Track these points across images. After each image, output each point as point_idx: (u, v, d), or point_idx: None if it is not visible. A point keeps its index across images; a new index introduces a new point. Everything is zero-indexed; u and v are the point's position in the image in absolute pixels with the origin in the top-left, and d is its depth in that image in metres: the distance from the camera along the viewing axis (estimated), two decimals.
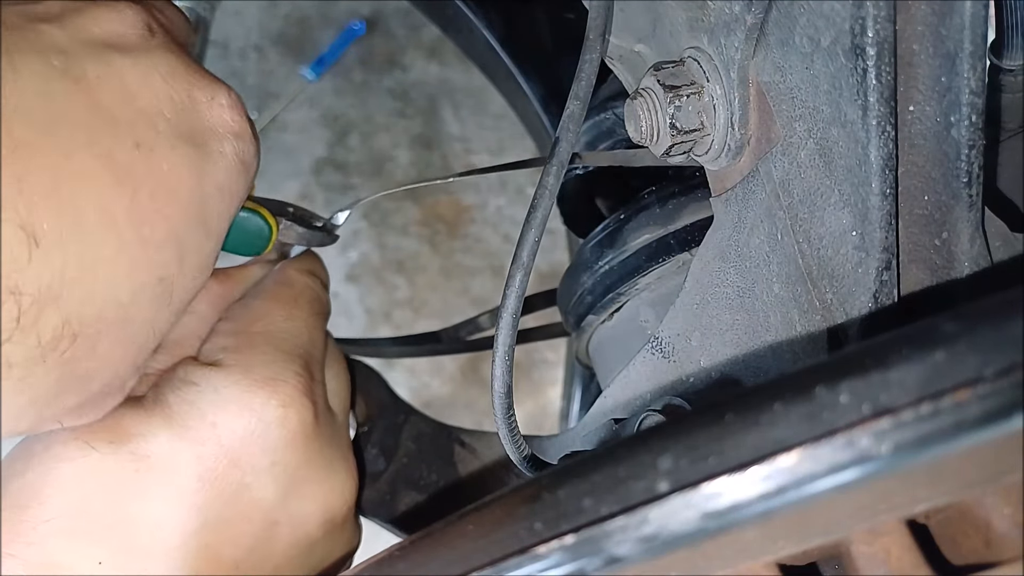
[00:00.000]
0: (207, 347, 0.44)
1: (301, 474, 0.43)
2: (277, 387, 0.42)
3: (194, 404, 0.40)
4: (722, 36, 0.36)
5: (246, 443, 0.40)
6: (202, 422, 0.40)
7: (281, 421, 0.41)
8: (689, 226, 0.49)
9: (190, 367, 0.42)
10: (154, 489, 0.39)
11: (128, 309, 0.33)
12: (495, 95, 0.85)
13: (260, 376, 0.42)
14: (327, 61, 1.87)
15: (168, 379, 0.42)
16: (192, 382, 0.41)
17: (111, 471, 0.38)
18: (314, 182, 1.81)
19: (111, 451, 0.38)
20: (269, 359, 0.42)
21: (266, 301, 0.45)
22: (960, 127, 0.32)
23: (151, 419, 0.39)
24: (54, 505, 0.37)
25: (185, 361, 0.43)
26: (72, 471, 0.38)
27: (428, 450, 0.56)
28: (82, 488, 0.38)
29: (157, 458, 0.39)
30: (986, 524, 0.26)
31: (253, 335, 0.43)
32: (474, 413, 1.64)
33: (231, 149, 0.37)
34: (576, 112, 0.39)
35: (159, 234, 0.33)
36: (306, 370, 0.44)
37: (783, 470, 0.23)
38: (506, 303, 0.38)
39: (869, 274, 0.33)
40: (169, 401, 0.40)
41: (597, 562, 0.24)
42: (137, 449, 0.39)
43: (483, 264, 1.74)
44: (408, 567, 0.30)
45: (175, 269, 0.35)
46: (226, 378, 0.41)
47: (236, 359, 0.42)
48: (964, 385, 0.22)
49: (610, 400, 0.48)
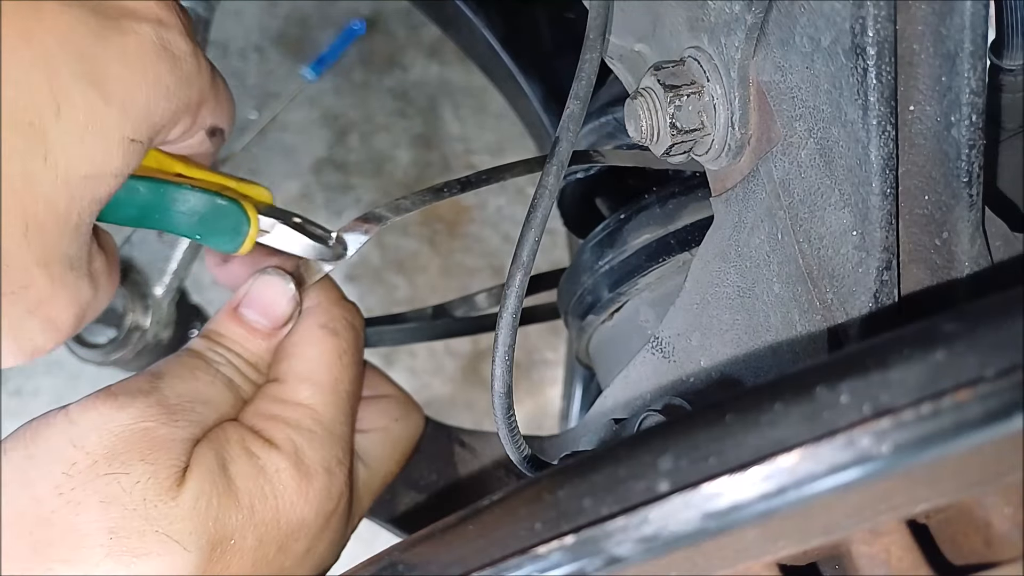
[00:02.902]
0: (255, 412, 0.43)
1: (321, 556, 0.44)
2: (330, 478, 0.42)
3: (259, 486, 0.40)
4: (722, 36, 0.36)
5: (295, 531, 0.41)
6: (265, 506, 0.40)
7: (326, 514, 0.42)
8: (689, 226, 0.49)
9: (246, 435, 0.41)
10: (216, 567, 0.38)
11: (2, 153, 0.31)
12: (495, 95, 0.85)
13: (314, 465, 0.42)
14: (327, 61, 1.87)
15: (224, 441, 0.41)
16: (253, 454, 0.41)
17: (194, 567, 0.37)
18: (314, 182, 1.81)
19: (193, 545, 0.37)
20: (319, 441, 0.43)
21: (308, 362, 0.44)
22: (960, 127, 0.32)
23: (223, 500, 0.39)
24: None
25: (232, 424, 0.42)
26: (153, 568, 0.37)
27: (428, 450, 0.56)
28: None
29: (229, 545, 0.39)
30: (986, 524, 0.26)
31: (301, 409, 0.43)
32: (474, 413, 1.64)
33: (149, 30, 0.36)
34: (576, 112, 0.39)
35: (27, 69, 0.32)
36: (346, 453, 0.44)
37: (783, 470, 0.23)
38: (506, 303, 0.38)
39: (869, 274, 0.33)
40: (233, 475, 0.40)
41: (597, 562, 0.24)
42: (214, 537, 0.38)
43: (483, 264, 1.74)
44: (408, 567, 0.30)
45: (48, 115, 0.32)
46: (282, 461, 0.41)
47: (288, 437, 0.42)
48: (964, 385, 0.22)
49: (610, 400, 0.48)
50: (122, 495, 0.37)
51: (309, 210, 1.78)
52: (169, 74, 0.36)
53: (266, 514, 0.40)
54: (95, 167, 0.34)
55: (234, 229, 0.41)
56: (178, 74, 0.37)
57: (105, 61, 0.34)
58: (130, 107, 0.35)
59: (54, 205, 0.33)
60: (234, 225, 0.41)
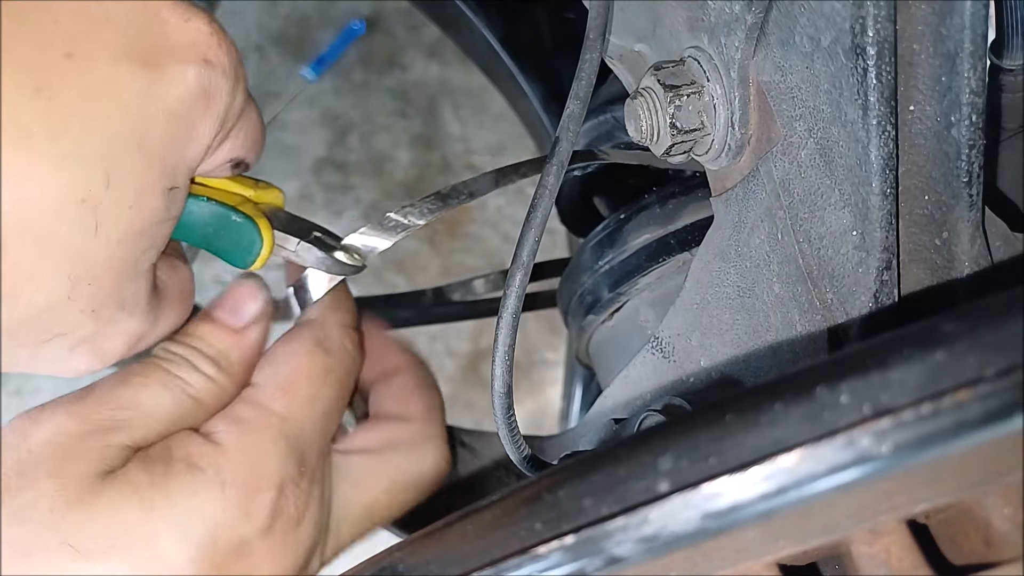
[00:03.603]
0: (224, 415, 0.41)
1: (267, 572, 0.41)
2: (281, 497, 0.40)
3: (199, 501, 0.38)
4: (722, 36, 0.36)
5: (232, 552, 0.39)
6: (204, 523, 0.38)
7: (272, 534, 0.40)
8: (689, 226, 0.49)
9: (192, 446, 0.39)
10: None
11: (46, 224, 0.31)
12: (495, 95, 0.85)
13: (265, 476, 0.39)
14: (327, 61, 1.87)
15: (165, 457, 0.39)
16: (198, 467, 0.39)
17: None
18: (314, 182, 1.81)
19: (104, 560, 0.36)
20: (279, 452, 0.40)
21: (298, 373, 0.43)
22: (960, 127, 0.32)
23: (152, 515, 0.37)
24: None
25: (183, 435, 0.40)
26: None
27: None
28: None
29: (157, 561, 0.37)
30: (986, 524, 0.26)
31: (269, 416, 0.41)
32: (474, 413, 1.64)
33: (194, 76, 0.34)
34: (576, 112, 0.39)
35: (79, 148, 0.31)
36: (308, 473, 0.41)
37: (783, 470, 0.23)
38: (506, 303, 0.38)
39: (869, 274, 0.33)
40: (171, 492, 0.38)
41: (597, 562, 0.24)
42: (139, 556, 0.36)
43: (483, 264, 1.74)
44: (408, 567, 0.30)
45: (99, 190, 0.32)
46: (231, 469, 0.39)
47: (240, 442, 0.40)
48: (964, 385, 0.22)
49: (610, 400, 0.48)
50: (32, 511, 0.36)
51: (309, 210, 1.78)
52: (203, 117, 0.35)
53: (203, 532, 0.38)
54: (144, 222, 0.34)
55: (247, 248, 0.41)
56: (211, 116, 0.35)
57: (150, 121, 0.33)
58: (170, 160, 0.34)
59: (106, 262, 0.33)
60: (247, 243, 0.40)
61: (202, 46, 0.35)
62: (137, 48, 0.33)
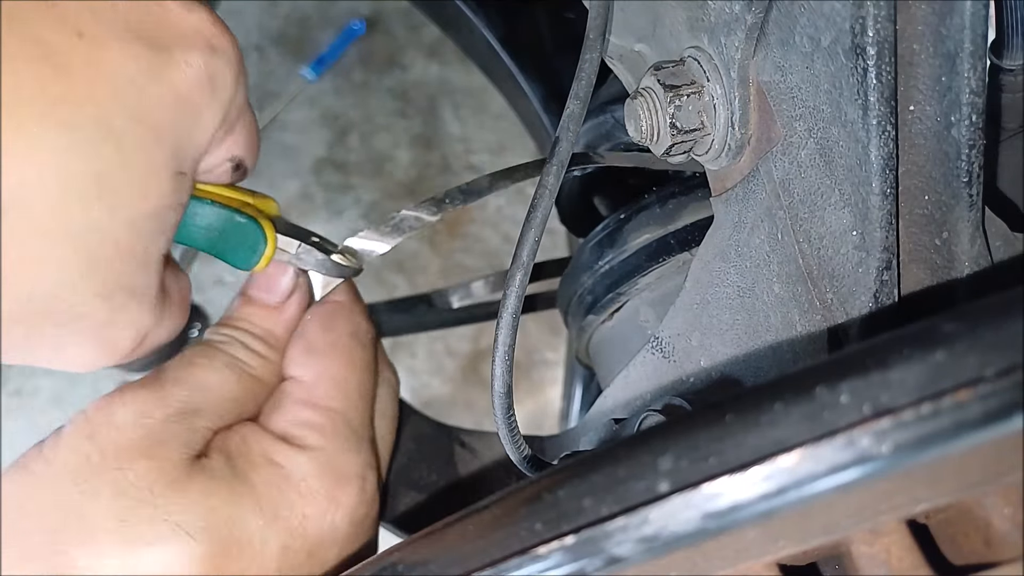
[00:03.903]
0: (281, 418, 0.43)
1: (352, 560, 0.44)
2: (363, 486, 0.43)
3: (284, 492, 0.40)
4: (722, 36, 0.36)
5: (325, 538, 0.41)
6: (292, 513, 0.40)
7: (358, 520, 0.42)
8: (689, 226, 0.49)
9: (267, 443, 0.41)
10: (232, 566, 0.38)
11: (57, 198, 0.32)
12: (495, 95, 0.85)
13: (347, 471, 0.42)
14: (327, 61, 1.87)
15: (244, 450, 0.41)
16: (277, 463, 0.41)
17: (204, 560, 0.38)
18: (314, 182, 1.81)
19: (204, 538, 0.37)
20: (352, 447, 0.43)
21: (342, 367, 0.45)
22: (960, 127, 0.32)
23: (241, 501, 0.39)
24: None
25: (256, 431, 0.42)
26: (163, 557, 0.37)
27: (428, 450, 0.56)
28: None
29: (248, 546, 0.39)
30: (986, 524, 0.26)
31: (334, 415, 0.43)
32: (474, 413, 1.64)
33: (200, 62, 0.35)
34: (576, 112, 0.39)
35: (94, 124, 0.32)
36: (373, 456, 0.45)
37: (783, 470, 0.23)
38: (506, 303, 0.38)
39: (869, 274, 0.33)
40: (254, 482, 0.40)
41: (597, 562, 0.24)
42: (230, 536, 0.38)
43: (483, 264, 1.74)
44: (408, 567, 0.30)
45: (115, 167, 0.33)
46: (312, 466, 0.41)
47: (320, 443, 0.42)
48: (964, 385, 0.22)
49: (610, 400, 0.48)
50: (131, 487, 0.38)
51: (309, 210, 1.78)
52: (209, 105, 0.36)
53: (292, 520, 0.40)
54: (153, 204, 0.35)
55: (251, 247, 0.42)
56: (217, 104, 0.36)
57: (158, 100, 0.34)
58: (177, 143, 0.35)
59: (116, 243, 0.34)
60: (251, 243, 0.41)
61: (207, 34, 0.36)
62: (144, 31, 0.34)
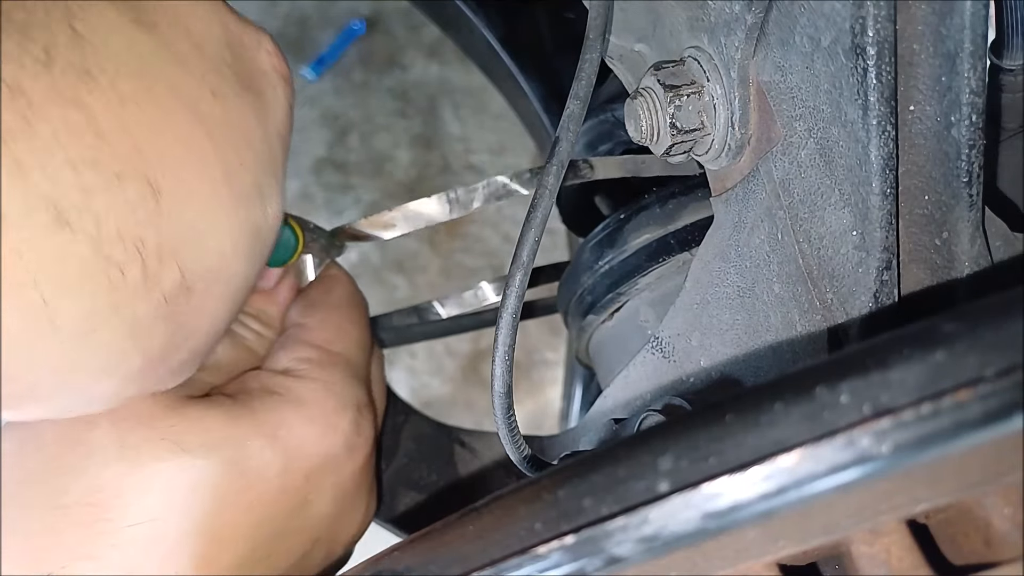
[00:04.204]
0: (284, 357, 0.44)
1: (350, 500, 0.45)
2: (360, 415, 0.43)
3: (282, 414, 0.40)
4: (722, 35, 0.36)
5: (322, 461, 0.41)
6: (290, 434, 0.40)
7: (353, 447, 0.43)
8: (689, 226, 0.49)
9: (266, 376, 0.42)
10: (239, 496, 0.38)
11: (231, 262, 0.33)
12: (495, 95, 0.85)
13: (345, 399, 0.43)
14: (327, 61, 1.87)
15: (242, 387, 0.42)
16: (275, 391, 0.41)
17: (204, 477, 0.37)
18: (314, 182, 1.81)
19: (203, 455, 0.37)
20: (350, 382, 0.44)
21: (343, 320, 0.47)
22: (960, 127, 0.32)
23: (239, 423, 0.39)
24: (142, 508, 0.37)
25: (256, 371, 0.43)
26: (163, 473, 0.37)
27: (428, 450, 0.56)
28: (173, 493, 0.37)
29: (248, 466, 0.39)
30: (986, 524, 0.26)
31: (334, 355, 0.44)
32: (474, 413, 1.64)
33: (283, 95, 0.36)
34: (576, 112, 0.39)
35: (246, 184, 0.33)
36: (371, 407, 0.46)
37: (783, 470, 0.23)
38: (506, 303, 0.38)
39: (869, 274, 0.33)
40: (254, 407, 0.40)
41: (597, 562, 0.24)
42: (230, 456, 0.38)
43: (483, 264, 1.74)
44: (408, 567, 0.30)
45: (262, 219, 0.34)
46: (310, 392, 0.42)
47: (319, 374, 0.43)
48: (964, 385, 0.22)
49: (610, 400, 0.48)
50: (129, 413, 0.38)
51: (309, 210, 1.78)
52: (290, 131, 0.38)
53: (290, 441, 0.40)
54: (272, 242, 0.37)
55: (284, 246, 0.44)
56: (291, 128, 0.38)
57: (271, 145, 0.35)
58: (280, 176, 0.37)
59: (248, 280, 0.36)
60: (285, 242, 0.44)
61: (279, 66, 0.37)
62: (243, 77, 0.34)
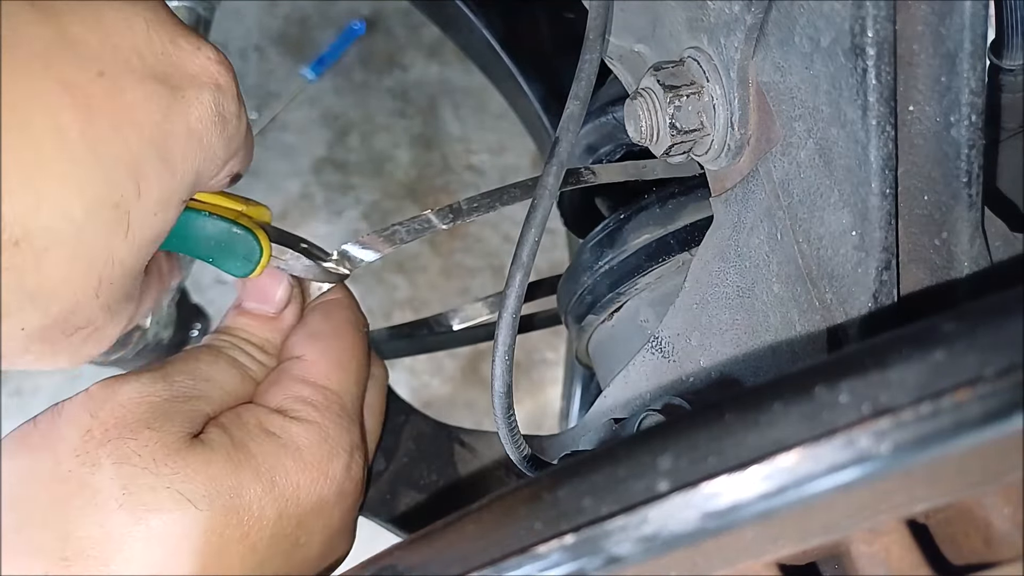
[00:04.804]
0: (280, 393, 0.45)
1: (337, 540, 0.46)
2: (352, 460, 0.44)
3: (280, 460, 0.41)
4: (722, 36, 0.36)
5: (315, 507, 0.42)
6: (287, 481, 0.41)
7: (344, 492, 0.44)
8: (689, 226, 0.49)
9: (263, 415, 0.43)
10: (235, 544, 0.40)
11: (81, 228, 0.34)
12: (495, 95, 0.85)
13: (339, 445, 0.44)
14: (327, 61, 1.87)
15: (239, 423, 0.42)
16: (273, 433, 0.42)
17: (206, 527, 0.39)
18: (314, 182, 1.81)
19: (207, 505, 0.39)
20: (344, 425, 0.44)
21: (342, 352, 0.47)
22: (960, 127, 0.32)
23: (240, 470, 0.40)
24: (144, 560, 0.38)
25: (250, 406, 0.44)
26: (166, 526, 0.38)
27: (428, 450, 0.56)
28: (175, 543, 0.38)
29: (248, 514, 0.40)
30: (986, 524, 0.26)
31: (330, 395, 0.45)
32: (474, 413, 1.64)
33: (209, 99, 0.38)
34: (576, 112, 0.39)
35: (114, 157, 0.34)
36: (363, 443, 0.46)
37: (783, 470, 0.23)
38: (506, 303, 0.38)
39: (869, 274, 0.33)
40: (252, 451, 0.41)
41: (597, 562, 0.24)
42: (231, 504, 0.39)
43: (483, 264, 1.74)
44: (408, 566, 0.30)
45: (131, 196, 0.35)
46: (307, 438, 0.43)
47: (315, 417, 0.44)
48: (964, 385, 0.22)
49: (610, 400, 0.48)
50: (133, 456, 0.39)
51: (309, 210, 1.78)
52: (219, 138, 0.39)
53: (287, 489, 0.41)
54: (163, 229, 0.38)
55: (247, 256, 0.44)
56: (226, 137, 0.39)
57: (173, 136, 0.36)
58: (188, 175, 0.38)
59: (127, 267, 0.37)
60: (247, 253, 0.44)
61: (213, 71, 0.38)
62: (159, 71, 0.36)
